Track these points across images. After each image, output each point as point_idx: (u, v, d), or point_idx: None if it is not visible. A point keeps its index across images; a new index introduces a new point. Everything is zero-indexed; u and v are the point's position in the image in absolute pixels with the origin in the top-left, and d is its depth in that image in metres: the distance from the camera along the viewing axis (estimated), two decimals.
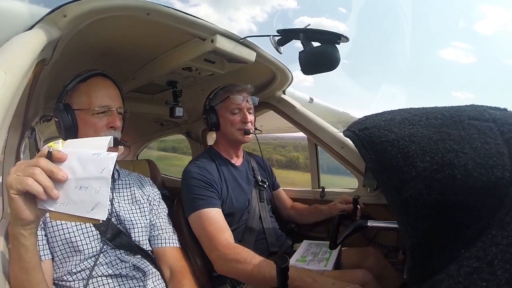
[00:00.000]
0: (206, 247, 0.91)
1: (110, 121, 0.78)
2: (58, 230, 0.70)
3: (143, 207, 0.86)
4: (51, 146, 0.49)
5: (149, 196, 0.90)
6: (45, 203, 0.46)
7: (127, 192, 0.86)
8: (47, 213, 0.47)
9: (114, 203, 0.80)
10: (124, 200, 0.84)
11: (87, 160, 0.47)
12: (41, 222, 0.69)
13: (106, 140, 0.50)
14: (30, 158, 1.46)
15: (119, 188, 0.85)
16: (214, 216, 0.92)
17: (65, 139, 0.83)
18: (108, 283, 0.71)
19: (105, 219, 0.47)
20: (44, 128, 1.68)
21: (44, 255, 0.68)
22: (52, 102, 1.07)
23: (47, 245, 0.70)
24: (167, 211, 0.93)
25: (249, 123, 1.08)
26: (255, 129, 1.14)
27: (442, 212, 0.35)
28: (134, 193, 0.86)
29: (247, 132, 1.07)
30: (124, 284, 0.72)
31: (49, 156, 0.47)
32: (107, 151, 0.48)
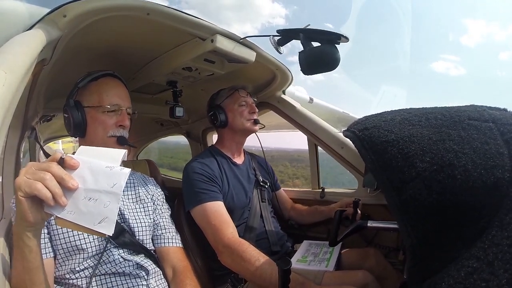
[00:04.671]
0: (211, 239, 0.94)
1: (119, 120, 0.80)
2: (61, 228, 0.70)
3: (147, 206, 0.86)
4: (64, 151, 0.48)
5: (153, 195, 0.90)
6: (53, 209, 0.45)
7: (131, 191, 0.86)
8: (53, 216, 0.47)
9: None
10: (128, 199, 0.84)
11: (99, 172, 0.46)
12: None
13: (120, 154, 0.49)
14: (30, 158, 1.46)
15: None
16: (218, 210, 0.95)
17: (73, 135, 0.83)
18: (111, 281, 0.71)
19: (111, 235, 0.46)
20: (44, 128, 1.68)
21: (46, 253, 0.68)
22: (52, 102, 1.07)
23: (49, 243, 0.69)
24: (170, 211, 0.93)
25: (256, 114, 1.14)
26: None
27: (442, 212, 0.35)
28: (138, 192, 0.86)
29: (256, 122, 1.13)
30: (127, 282, 0.72)
31: (61, 162, 0.46)
32: (120, 165, 0.47)
